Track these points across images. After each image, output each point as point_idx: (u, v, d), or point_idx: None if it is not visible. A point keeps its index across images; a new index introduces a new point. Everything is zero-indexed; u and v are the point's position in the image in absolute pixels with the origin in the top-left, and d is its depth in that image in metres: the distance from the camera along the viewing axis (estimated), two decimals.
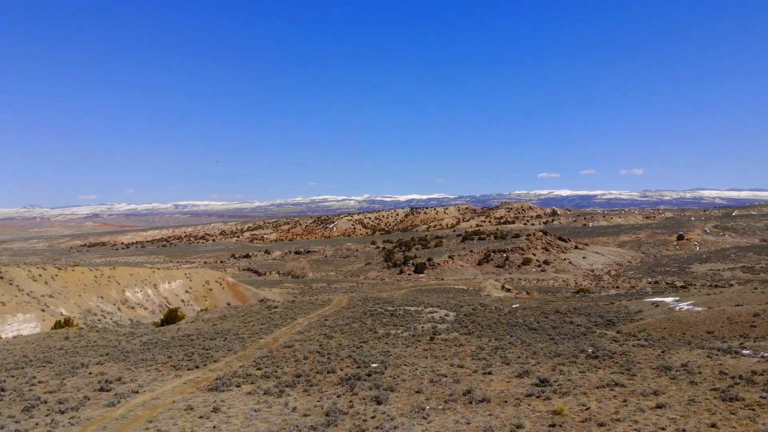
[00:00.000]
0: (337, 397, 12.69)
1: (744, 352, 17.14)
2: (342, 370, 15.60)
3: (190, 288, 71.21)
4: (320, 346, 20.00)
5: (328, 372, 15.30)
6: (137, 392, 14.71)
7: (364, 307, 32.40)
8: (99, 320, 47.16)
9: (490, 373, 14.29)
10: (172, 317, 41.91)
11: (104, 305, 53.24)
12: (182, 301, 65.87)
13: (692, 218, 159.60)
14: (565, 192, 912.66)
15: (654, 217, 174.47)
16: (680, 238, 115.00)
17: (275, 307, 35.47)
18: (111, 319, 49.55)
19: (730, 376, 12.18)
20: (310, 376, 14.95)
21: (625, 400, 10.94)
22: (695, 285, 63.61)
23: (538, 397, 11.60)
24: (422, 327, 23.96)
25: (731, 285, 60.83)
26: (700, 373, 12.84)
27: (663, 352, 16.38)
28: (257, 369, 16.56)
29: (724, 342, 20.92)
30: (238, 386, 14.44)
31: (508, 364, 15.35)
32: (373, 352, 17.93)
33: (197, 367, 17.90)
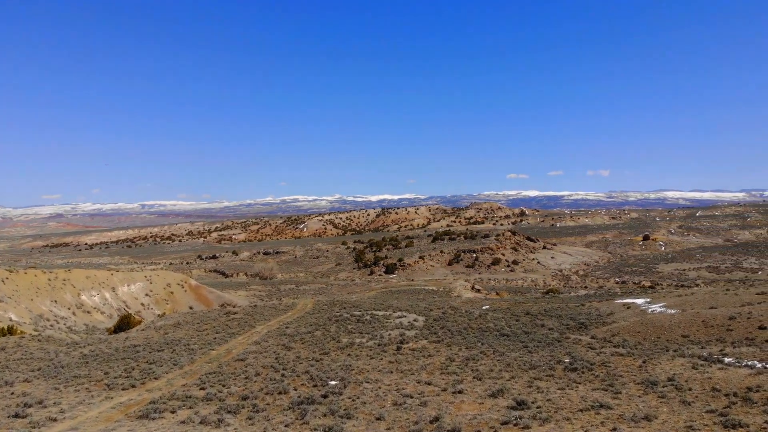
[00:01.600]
0: (285, 426, 10.98)
1: (726, 359, 16.17)
2: (296, 390, 13.91)
3: (151, 291, 68.04)
4: (276, 359, 18.24)
5: (280, 393, 13.58)
6: (55, 420, 12.70)
7: (330, 312, 30.71)
8: (52, 326, 44.43)
9: (461, 392, 12.83)
10: (125, 324, 39.51)
11: (58, 310, 50.26)
12: (142, 304, 62.86)
13: (657, 218, 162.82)
14: (533, 193, 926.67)
15: (620, 217, 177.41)
16: (646, 238, 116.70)
17: (234, 313, 33.42)
18: (65, 324, 46.81)
19: (724, 393, 11.04)
20: (258, 399, 13.20)
21: (614, 429, 9.59)
22: (662, 285, 64.04)
23: (515, 424, 10.16)
24: (389, 334, 22.44)
25: (697, 285, 61.40)
26: (690, 389, 11.67)
27: (644, 362, 15.23)
28: (200, 389, 14.71)
29: (703, 348, 20.05)
30: (173, 412, 12.58)
31: (480, 380, 13.92)
32: (334, 366, 16.28)
33: (133, 386, 15.93)
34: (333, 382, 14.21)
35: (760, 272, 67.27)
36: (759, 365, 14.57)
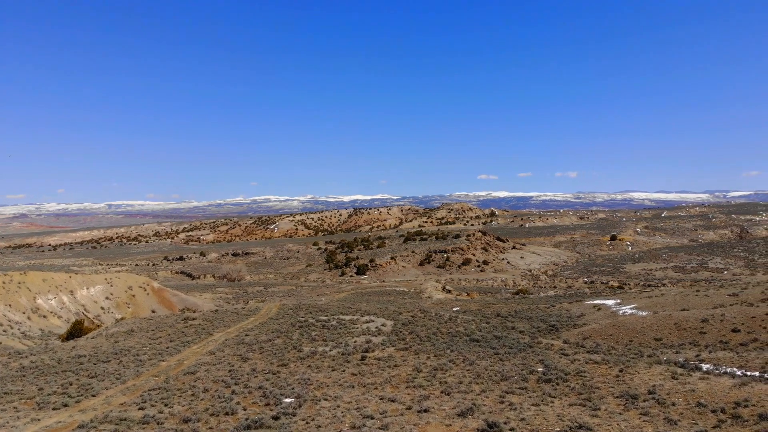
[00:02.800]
0: None
1: (704, 366, 15.49)
2: (245, 410, 12.54)
3: (111, 294, 65.28)
4: (230, 372, 16.79)
5: (227, 414, 12.20)
6: None
7: (295, 318, 29.28)
8: (5, 331, 42.02)
9: (426, 411, 11.69)
10: (77, 330, 37.40)
11: (12, 314, 47.59)
12: (102, 308, 60.27)
13: (624, 219, 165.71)
14: (503, 194, 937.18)
15: (587, 218, 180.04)
16: (613, 238, 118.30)
17: (193, 319, 31.65)
18: (19, 329, 44.37)
19: (711, 409, 10.20)
20: (201, 422, 11.78)
21: None
22: (630, 285, 64.53)
23: None
24: (355, 341, 21.19)
25: (664, 285, 62.04)
26: (673, 404, 10.81)
27: (621, 370, 14.38)
28: (139, 409, 13.19)
29: (678, 352, 19.44)
30: None
31: (448, 394, 12.81)
32: (291, 381, 14.94)
33: (66, 405, 14.29)
34: (288, 400, 12.89)
35: (725, 272, 68.48)
36: (739, 373, 13.88)
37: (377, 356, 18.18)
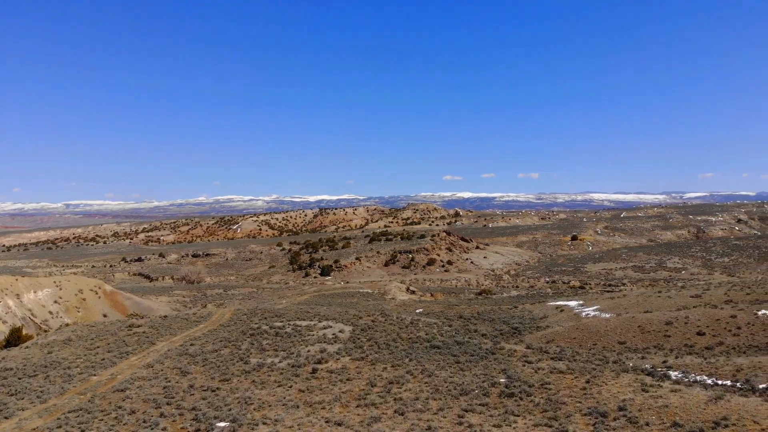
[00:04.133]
0: None
1: (673, 374, 14.77)
2: None
3: (60, 298, 61.82)
4: (164, 388, 15.16)
5: None
6: None
7: (248, 324, 27.63)
8: None
9: None
10: (14, 338, 34.77)
11: None
12: (50, 312, 56.93)
13: (584, 219, 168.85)
14: (467, 194, 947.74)
15: (549, 218, 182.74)
16: (574, 238, 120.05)
17: (138, 326, 29.55)
18: None
19: (688, 429, 9.32)
20: None
21: None
22: (591, 284, 65.04)
23: None
24: (308, 351, 19.79)
25: (624, 284, 62.76)
26: (647, 424, 9.91)
27: (588, 381, 13.48)
28: None
29: (643, 358, 18.81)
30: None
31: (402, 414, 11.60)
32: (230, 400, 13.45)
33: None
34: (221, 425, 11.43)
35: (683, 272, 69.91)
36: (710, 381, 13.18)
37: (330, 368, 16.84)
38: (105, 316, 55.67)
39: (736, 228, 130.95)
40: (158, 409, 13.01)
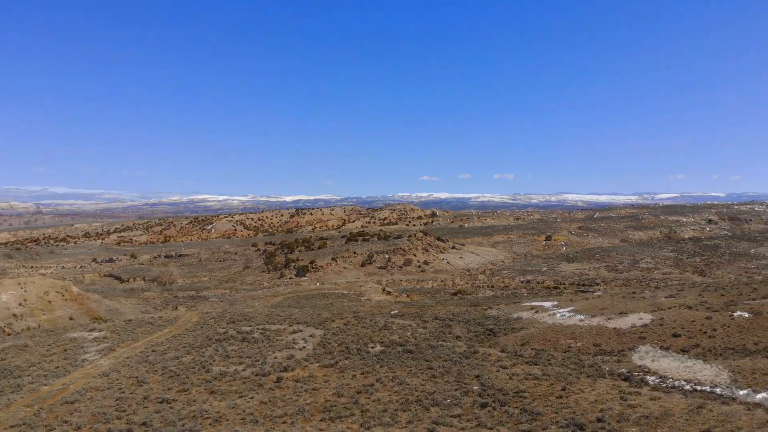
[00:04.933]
0: None
1: (650, 380, 14.37)
2: None
3: (25, 300, 59.55)
4: (117, 400, 14.15)
5: None
6: None
7: (215, 329, 26.57)
8: None
9: None
10: None
11: None
12: (14, 315, 54.74)
13: (558, 220, 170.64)
14: (443, 195, 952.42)
15: (524, 218, 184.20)
16: (548, 238, 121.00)
17: (99, 331, 28.23)
18: None
19: None
20: None
21: None
22: (565, 284, 65.30)
23: None
24: (275, 357, 18.91)
25: (597, 284, 63.15)
26: None
27: (563, 389, 12.95)
28: None
29: (619, 361, 18.43)
30: None
31: (368, 429, 10.87)
32: (185, 413, 12.54)
33: None
34: None
35: (655, 272, 70.75)
36: (688, 387, 12.75)
37: (296, 376, 16.01)
38: (71, 318, 53.82)
39: (707, 228, 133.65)
40: (107, 424, 12.03)
